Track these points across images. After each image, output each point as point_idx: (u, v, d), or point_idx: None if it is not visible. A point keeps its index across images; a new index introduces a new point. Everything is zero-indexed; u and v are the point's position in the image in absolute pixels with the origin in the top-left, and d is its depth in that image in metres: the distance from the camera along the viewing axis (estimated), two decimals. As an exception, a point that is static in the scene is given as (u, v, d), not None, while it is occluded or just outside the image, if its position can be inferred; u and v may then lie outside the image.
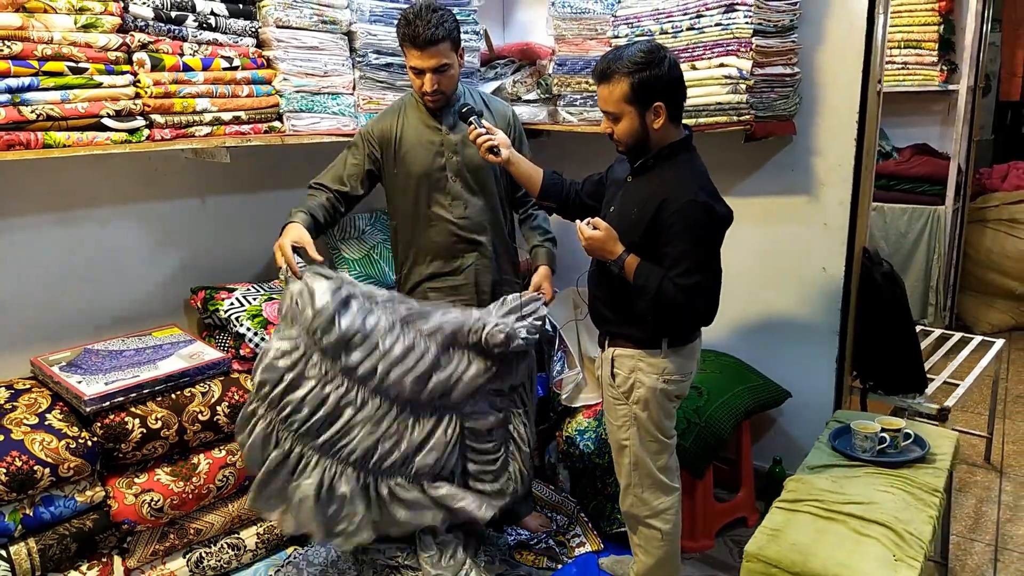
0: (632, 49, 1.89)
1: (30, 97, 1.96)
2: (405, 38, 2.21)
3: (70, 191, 2.35)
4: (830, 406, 2.80)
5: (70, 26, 2.03)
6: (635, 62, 1.85)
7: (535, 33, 3.26)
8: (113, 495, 2.07)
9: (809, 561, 1.84)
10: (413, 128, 2.35)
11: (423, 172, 2.34)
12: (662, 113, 1.90)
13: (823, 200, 2.70)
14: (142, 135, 2.17)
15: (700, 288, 1.91)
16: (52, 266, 2.34)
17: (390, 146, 2.35)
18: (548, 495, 2.93)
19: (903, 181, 4.49)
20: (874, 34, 2.50)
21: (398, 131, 2.35)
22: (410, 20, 2.18)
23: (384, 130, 2.36)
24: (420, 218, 2.39)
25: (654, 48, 1.89)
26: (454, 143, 2.34)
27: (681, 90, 1.94)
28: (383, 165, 2.38)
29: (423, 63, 2.21)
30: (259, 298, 2.53)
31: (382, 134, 2.36)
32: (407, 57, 2.25)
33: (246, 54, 2.40)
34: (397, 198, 2.40)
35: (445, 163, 2.35)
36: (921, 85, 4.36)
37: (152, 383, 2.15)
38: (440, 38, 2.18)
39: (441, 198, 2.36)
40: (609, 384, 2.13)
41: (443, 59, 2.21)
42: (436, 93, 2.26)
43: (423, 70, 2.23)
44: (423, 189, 2.35)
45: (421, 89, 2.27)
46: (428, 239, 2.39)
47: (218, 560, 2.27)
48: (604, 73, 1.90)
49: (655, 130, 1.92)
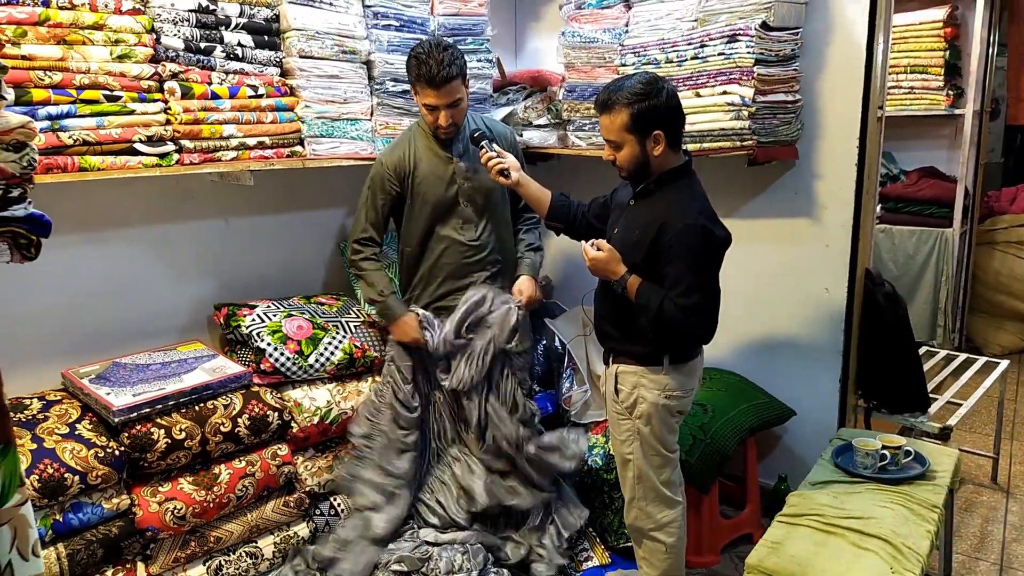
0: (632, 80, 1.98)
1: (68, 123, 2.08)
2: (420, 78, 2.30)
3: (102, 212, 2.47)
4: (834, 424, 2.85)
5: (106, 57, 2.15)
6: (635, 93, 1.95)
7: (546, 61, 3.37)
8: (138, 503, 2.15)
9: (808, 573, 1.90)
10: (425, 158, 2.47)
11: (437, 199, 2.45)
12: (661, 141, 1.99)
13: (825, 222, 2.78)
14: (172, 159, 2.28)
15: (698, 308, 1.99)
16: (84, 283, 2.45)
17: (406, 179, 2.47)
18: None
19: (911, 204, 4.55)
20: (873, 62, 2.59)
21: (411, 162, 2.46)
22: (423, 60, 2.28)
23: (398, 164, 2.47)
24: (432, 241, 2.50)
25: (653, 79, 1.98)
26: (464, 170, 2.45)
27: (680, 118, 2.03)
28: (402, 197, 2.50)
29: (439, 101, 2.32)
30: (279, 315, 2.63)
31: (397, 169, 2.47)
32: (421, 95, 2.35)
33: (270, 83, 2.52)
34: (410, 224, 2.52)
35: (457, 189, 2.46)
36: (927, 109, 4.44)
37: (177, 395, 2.25)
38: (454, 76, 2.29)
39: (453, 221, 2.47)
40: (613, 399, 2.20)
41: (457, 95, 2.33)
42: (451, 127, 2.38)
43: (438, 107, 2.33)
44: (436, 214, 2.47)
45: (435, 124, 2.37)
46: (439, 261, 2.50)
47: (236, 568, 2.34)
48: (605, 104, 2.00)
49: (655, 157, 2.01)
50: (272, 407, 2.40)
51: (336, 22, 2.60)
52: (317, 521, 2.55)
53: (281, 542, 2.45)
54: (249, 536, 2.39)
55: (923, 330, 4.51)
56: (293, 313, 2.66)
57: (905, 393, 2.79)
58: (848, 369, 2.82)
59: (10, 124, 0.96)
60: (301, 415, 2.50)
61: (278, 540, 2.44)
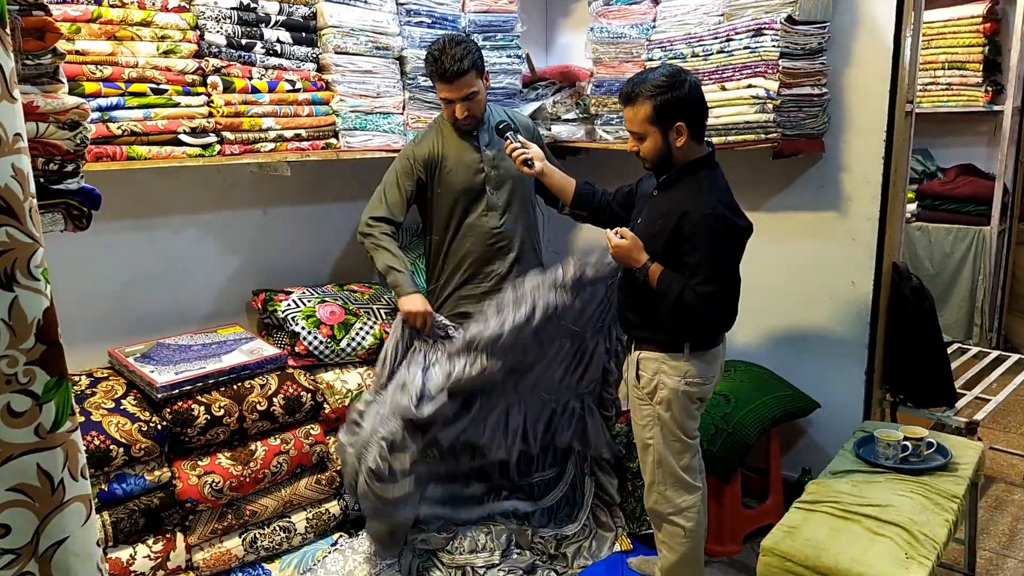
0: (655, 73, 2.03)
1: (117, 115, 2.20)
2: (434, 74, 2.44)
3: (149, 201, 2.60)
4: (859, 418, 2.85)
5: (153, 52, 2.28)
6: (657, 85, 2.00)
7: (575, 57, 3.42)
8: (178, 476, 2.26)
9: (822, 556, 1.92)
10: (453, 148, 2.56)
11: (464, 188, 2.54)
12: (684, 132, 2.03)
13: (852, 216, 2.78)
14: (214, 150, 2.40)
15: (718, 296, 2.03)
16: (130, 268, 2.58)
17: (434, 168, 2.56)
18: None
19: (948, 201, 4.50)
20: (901, 56, 2.59)
21: (439, 152, 2.56)
22: (436, 57, 2.40)
23: (426, 154, 2.56)
24: (458, 229, 2.58)
25: (675, 72, 2.03)
26: (492, 158, 2.54)
27: (702, 111, 2.07)
28: (426, 186, 2.58)
29: (453, 94, 2.43)
30: (313, 300, 2.74)
31: (425, 158, 2.55)
32: (437, 89, 2.49)
33: (307, 77, 2.62)
34: (437, 213, 2.60)
35: (484, 178, 2.54)
36: (966, 106, 4.38)
37: (217, 374, 2.36)
38: (466, 70, 2.39)
39: (479, 209, 2.55)
40: (634, 385, 2.25)
41: (470, 88, 2.43)
42: (467, 118, 2.48)
43: (453, 100, 2.45)
44: (462, 202, 2.55)
45: (453, 116, 2.48)
46: (464, 248, 2.58)
47: (270, 541, 2.44)
48: (629, 96, 2.05)
49: (678, 148, 2.06)
50: (306, 388, 2.50)
51: (370, 19, 2.69)
52: (347, 499, 2.64)
53: (313, 518, 2.54)
54: (283, 511, 2.49)
55: (960, 329, 4.45)
56: (327, 299, 2.77)
57: (932, 387, 2.78)
58: (874, 363, 2.82)
59: (66, 105, 1.06)
60: (333, 397, 2.60)
61: (310, 516, 2.54)
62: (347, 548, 2.59)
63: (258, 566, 2.44)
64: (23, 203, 0.77)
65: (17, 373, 0.78)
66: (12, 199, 0.76)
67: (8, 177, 0.76)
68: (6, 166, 0.76)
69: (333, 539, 2.61)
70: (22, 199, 0.77)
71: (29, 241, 0.78)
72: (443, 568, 2.49)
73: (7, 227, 0.76)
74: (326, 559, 2.53)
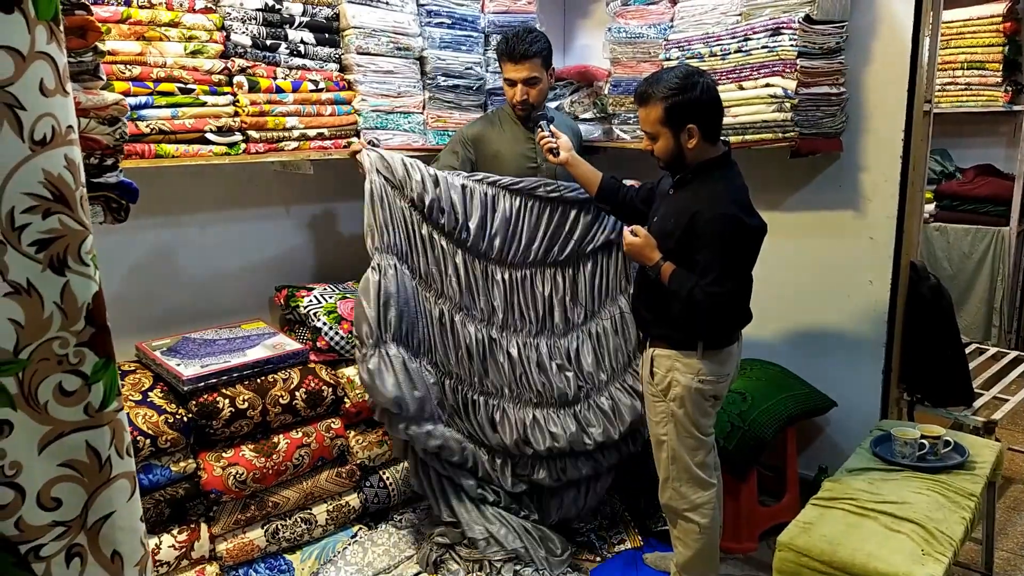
0: (669, 74, 2.05)
1: (145, 114, 2.25)
2: (502, 53, 2.55)
3: (177, 199, 2.65)
4: (876, 417, 2.85)
5: (180, 52, 2.33)
6: (670, 87, 2.02)
7: (593, 57, 3.45)
8: (203, 467, 2.30)
9: (838, 551, 1.93)
10: (509, 137, 2.65)
11: (514, 173, 2.62)
12: (695, 134, 2.05)
13: (870, 215, 2.79)
14: (239, 149, 2.45)
15: (726, 296, 2.04)
16: (157, 263, 2.64)
17: (483, 151, 2.65)
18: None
19: (966, 202, 4.48)
20: (919, 55, 2.60)
21: (492, 137, 2.65)
22: (508, 39, 2.52)
23: (478, 135, 2.67)
24: None
25: (689, 74, 2.04)
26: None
27: (716, 112, 2.08)
28: (475, 166, 2.66)
29: (515, 74, 2.53)
30: (334, 297, 2.78)
31: (476, 138, 2.66)
32: (503, 70, 2.58)
33: (330, 77, 2.67)
34: None
35: (536, 169, 2.66)
36: (985, 106, 4.36)
37: (241, 368, 2.41)
38: (532, 54, 2.50)
39: None
40: (648, 382, 2.28)
41: (533, 72, 2.52)
42: (525, 103, 2.56)
43: (515, 81, 2.54)
44: None
45: (513, 99, 2.57)
46: None
47: (292, 532, 2.49)
48: (642, 96, 2.08)
49: (689, 149, 2.08)
50: (327, 383, 2.55)
51: (392, 20, 2.73)
52: (367, 492, 2.69)
53: (334, 510, 2.58)
54: (304, 503, 2.53)
55: (978, 330, 4.43)
56: (348, 296, 2.81)
57: (949, 386, 2.78)
58: (891, 361, 2.83)
59: (106, 101, 1.10)
60: (353, 391, 2.64)
61: (331, 508, 2.58)
62: (367, 540, 2.63)
63: (280, 557, 2.48)
64: (75, 192, 0.81)
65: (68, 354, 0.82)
66: (65, 188, 0.80)
67: (61, 167, 0.80)
68: (59, 156, 0.80)
69: (353, 531, 2.65)
70: (74, 188, 0.81)
71: (80, 228, 0.83)
72: (461, 562, 2.52)
73: (60, 215, 0.80)
74: (346, 551, 2.57)
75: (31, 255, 0.79)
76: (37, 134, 0.77)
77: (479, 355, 2.57)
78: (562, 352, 2.66)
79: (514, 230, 2.59)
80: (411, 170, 2.46)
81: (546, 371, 2.62)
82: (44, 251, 0.80)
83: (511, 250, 2.60)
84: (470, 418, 2.58)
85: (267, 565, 2.44)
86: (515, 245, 2.60)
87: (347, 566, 2.51)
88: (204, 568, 2.32)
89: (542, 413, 2.61)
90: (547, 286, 2.64)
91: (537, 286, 2.63)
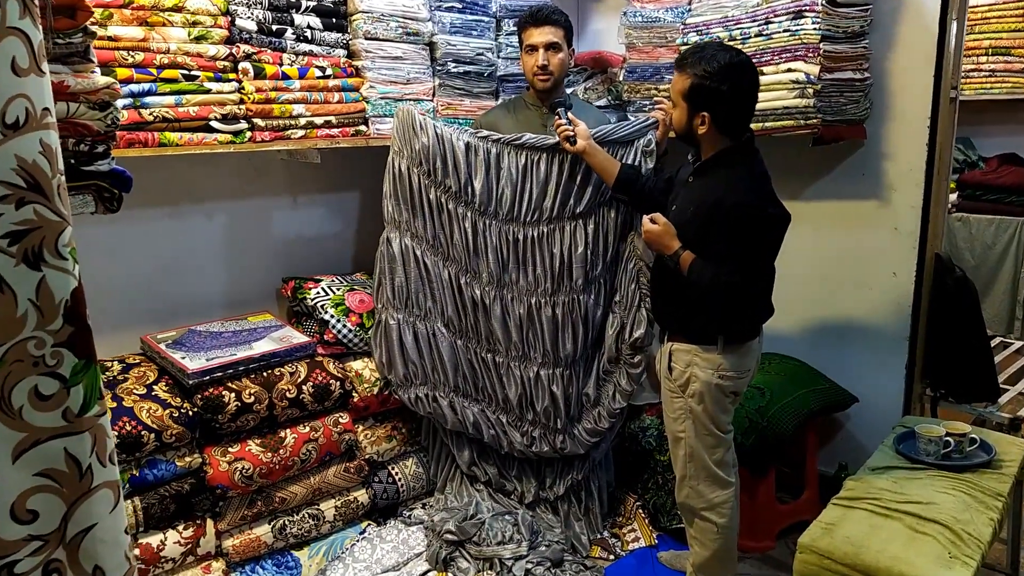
0: (715, 55, 1.97)
1: (149, 101, 2.20)
2: (524, 21, 2.53)
3: (182, 188, 2.60)
4: (899, 413, 2.77)
5: (184, 38, 2.27)
6: (706, 69, 1.95)
7: (607, 43, 3.37)
8: (209, 462, 2.26)
9: (861, 554, 1.87)
10: (524, 125, 2.59)
11: None
12: (707, 122, 2.00)
13: (894, 205, 2.70)
14: (245, 137, 2.39)
15: (744, 286, 1.99)
16: (162, 254, 2.59)
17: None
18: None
19: (990, 191, 4.35)
20: (946, 40, 2.50)
21: (507, 125, 2.59)
22: (532, 10, 2.52)
23: (492, 122, 2.63)
24: None
25: (732, 64, 1.96)
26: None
27: (737, 109, 2.01)
28: None
29: (538, 38, 2.49)
30: (342, 288, 2.73)
31: (491, 126, 2.61)
32: (524, 39, 2.54)
33: (337, 64, 2.60)
34: None
35: None
36: (1010, 93, 4.23)
37: (247, 361, 2.36)
38: (554, 20, 2.49)
39: None
40: (667, 377, 2.21)
41: (554, 37, 2.49)
42: (546, 71, 2.50)
43: (536, 46, 2.49)
44: None
45: (534, 68, 2.51)
46: None
47: (299, 528, 2.45)
48: (680, 63, 2.03)
49: (699, 133, 2.02)
50: (335, 376, 2.50)
51: (400, 4, 2.66)
52: (376, 488, 2.64)
53: (342, 506, 2.54)
54: (312, 499, 2.49)
55: (1000, 323, 4.32)
56: (355, 288, 2.75)
57: (974, 382, 2.70)
58: (915, 356, 2.75)
59: (97, 84, 1.04)
60: (361, 385, 2.59)
61: (339, 504, 2.54)
62: (375, 537, 2.58)
63: (287, 553, 2.44)
64: (51, 180, 0.75)
65: (45, 355, 0.76)
66: (40, 175, 0.74)
67: (36, 153, 0.74)
68: (34, 141, 0.74)
69: (361, 527, 2.61)
70: (50, 176, 0.75)
71: (57, 219, 0.77)
72: (471, 559, 2.48)
73: (35, 204, 0.74)
74: (354, 547, 2.53)
75: (3, 248, 0.73)
76: (9, 117, 0.71)
77: (483, 313, 2.62)
78: (580, 309, 2.60)
79: (522, 187, 2.54)
80: (419, 131, 2.50)
81: (557, 331, 2.60)
82: (17, 244, 0.74)
83: (522, 208, 2.55)
84: (479, 376, 2.68)
85: (274, 561, 2.40)
86: (526, 202, 2.54)
87: (355, 563, 2.46)
88: (210, 564, 2.28)
89: (546, 372, 2.63)
90: (567, 242, 2.55)
91: (555, 244, 2.55)
